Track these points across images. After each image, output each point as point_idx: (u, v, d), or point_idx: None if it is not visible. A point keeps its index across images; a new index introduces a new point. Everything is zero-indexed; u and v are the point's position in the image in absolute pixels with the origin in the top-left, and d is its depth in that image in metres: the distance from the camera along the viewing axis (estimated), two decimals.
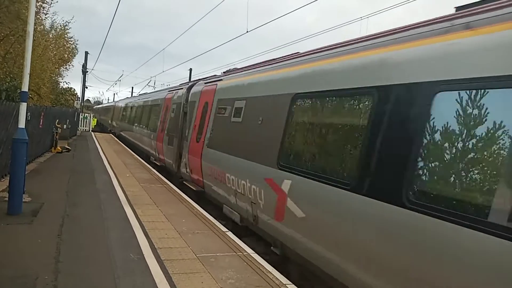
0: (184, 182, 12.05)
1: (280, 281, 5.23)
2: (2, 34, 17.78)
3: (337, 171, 4.98)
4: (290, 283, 5.24)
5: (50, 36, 28.40)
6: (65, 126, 20.98)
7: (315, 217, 5.19)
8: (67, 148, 19.00)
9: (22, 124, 7.54)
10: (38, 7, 19.62)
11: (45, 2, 20.91)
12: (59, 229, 6.66)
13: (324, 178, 5.06)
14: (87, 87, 43.42)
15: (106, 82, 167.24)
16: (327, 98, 5.47)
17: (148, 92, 28.62)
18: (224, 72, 11.98)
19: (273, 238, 6.46)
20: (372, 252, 4.19)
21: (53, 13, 37.12)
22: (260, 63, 9.10)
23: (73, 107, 41.33)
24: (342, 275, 4.67)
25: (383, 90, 4.44)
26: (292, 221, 5.63)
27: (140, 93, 39.12)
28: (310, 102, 5.90)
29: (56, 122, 18.83)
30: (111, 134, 36.51)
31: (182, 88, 14.38)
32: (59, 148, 18.32)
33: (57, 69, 32.19)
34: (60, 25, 29.81)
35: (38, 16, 20.85)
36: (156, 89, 34.41)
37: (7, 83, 15.65)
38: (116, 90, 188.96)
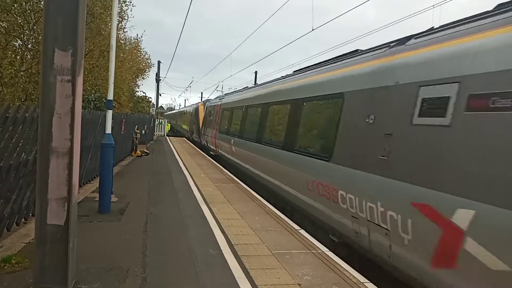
0: None
1: (358, 279, 5.15)
2: (87, 49, 19.46)
3: None
4: (368, 281, 5.15)
5: (126, 48, 30.48)
6: (143, 131, 22.43)
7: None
8: (146, 152, 20.30)
9: (108, 129, 8.22)
10: (118, 21, 21.22)
11: (124, 18, 22.55)
12: (144, 226, 7.17)
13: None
14: (160, 94, 45.95)
15: (177, 89, 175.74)
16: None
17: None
18: None
19: None
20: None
21: (131, 26, 39.83)
22: None
23: (148, 113, 43.99)
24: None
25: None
26: None
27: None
28: None
29: (135, 128, 20.20)
30: (184, 138, 38.18)
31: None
32: (139, 152, 19.62)
33: (134, 79, 34.47)
34: (133, 38, 31.92)
35: (118, 32, 22.52)
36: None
37: (93, 94, 17.13)
38: (187, 96, 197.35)
